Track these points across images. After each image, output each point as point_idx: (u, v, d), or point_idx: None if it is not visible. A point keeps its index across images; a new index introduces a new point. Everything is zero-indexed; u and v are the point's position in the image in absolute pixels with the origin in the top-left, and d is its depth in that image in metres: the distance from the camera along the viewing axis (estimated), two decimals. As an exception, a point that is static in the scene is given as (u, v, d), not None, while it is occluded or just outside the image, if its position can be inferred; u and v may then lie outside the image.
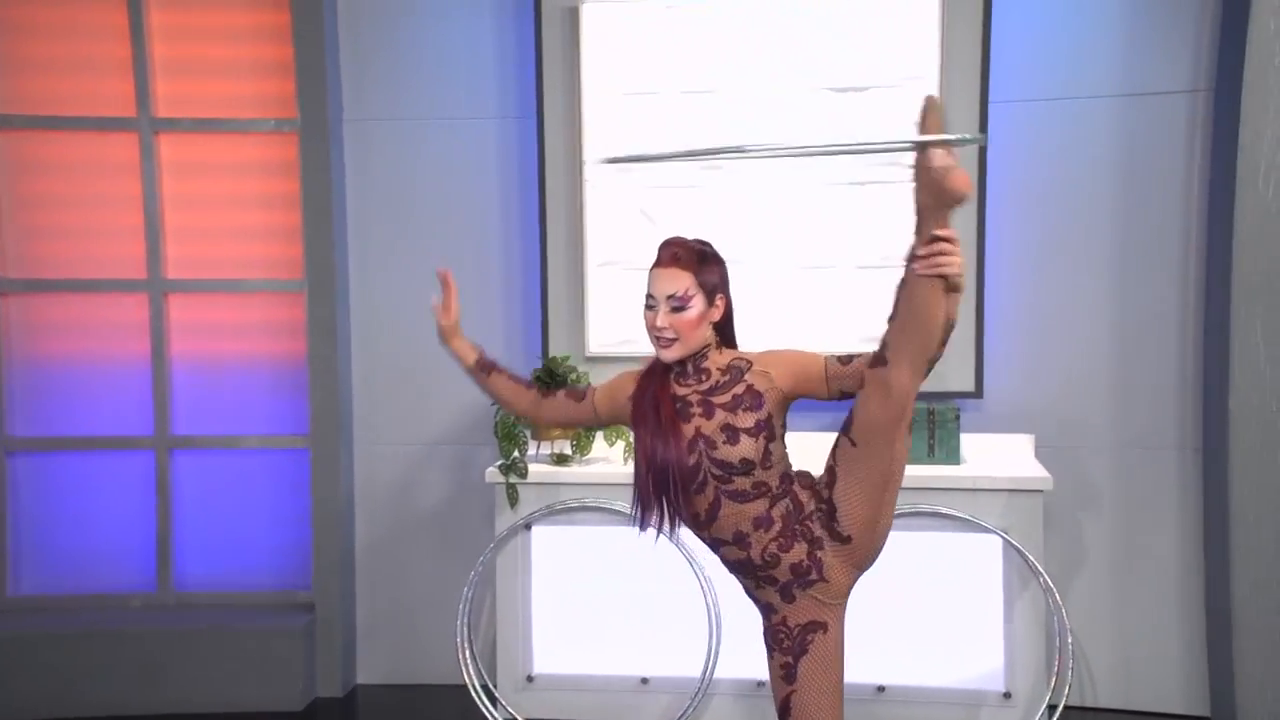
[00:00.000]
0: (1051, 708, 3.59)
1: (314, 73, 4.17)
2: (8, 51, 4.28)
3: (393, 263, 4.31)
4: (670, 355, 2.39)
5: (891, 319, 2.20)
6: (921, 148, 2.02)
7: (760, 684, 3.66)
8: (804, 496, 2.37)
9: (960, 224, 3.82)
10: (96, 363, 4.41)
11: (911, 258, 2.10)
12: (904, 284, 2.15)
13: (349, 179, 4.30)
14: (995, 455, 3.85)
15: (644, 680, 3.78)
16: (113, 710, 4.08)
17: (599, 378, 3.98)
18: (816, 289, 3.97)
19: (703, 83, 3.95)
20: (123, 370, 4.40)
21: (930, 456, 3.76)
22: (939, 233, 2.08)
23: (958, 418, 3.77)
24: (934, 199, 2.06)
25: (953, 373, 3.91)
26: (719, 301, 2.44)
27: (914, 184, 2.06)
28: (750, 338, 3.96)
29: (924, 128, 2.01)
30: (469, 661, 3.83)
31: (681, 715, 3.69)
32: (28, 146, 4.33)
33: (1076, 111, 3.88)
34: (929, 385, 3.91)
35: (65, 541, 4.41)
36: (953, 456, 3.75)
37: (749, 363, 2.42)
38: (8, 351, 4.34)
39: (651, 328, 2.39)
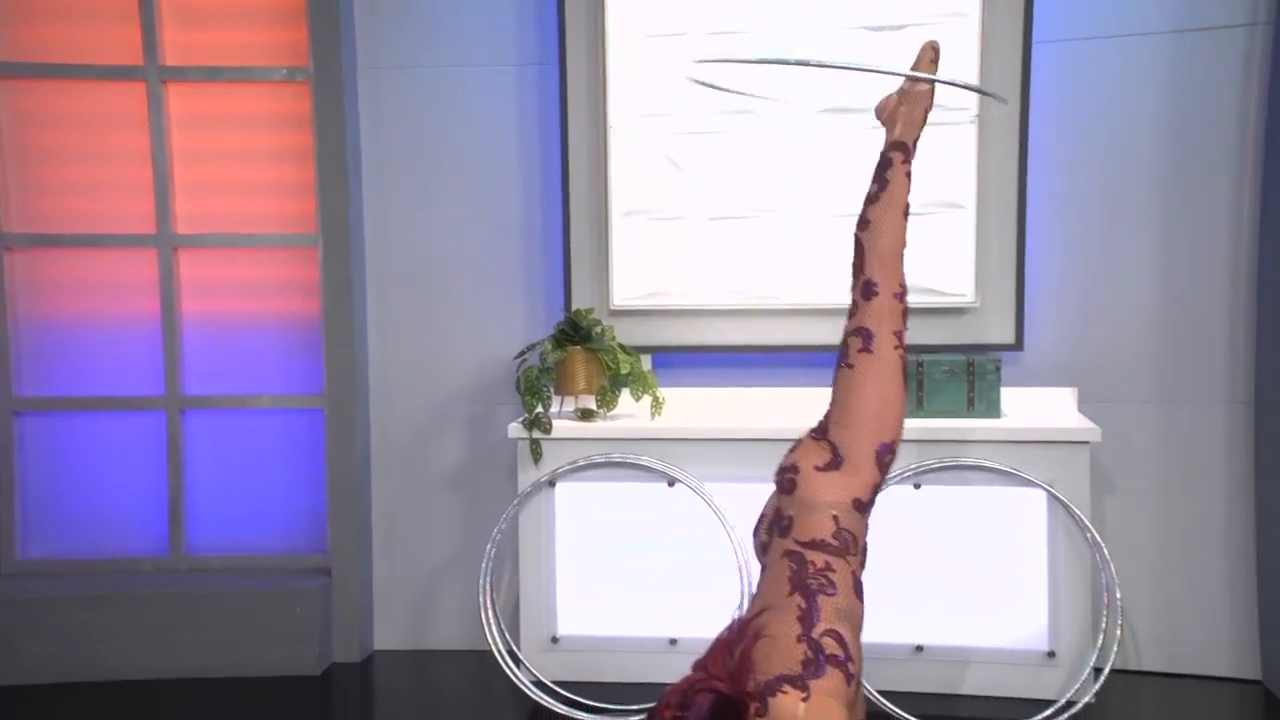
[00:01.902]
0: (1097, 670, 3.45)
1: (327, 19, 4.02)
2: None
3: (410, 216, 4.17)
4: None
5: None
6: (974, 90, 2.59)
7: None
8: None
9: (1000, 171, 3.71)
10: (105, 321, 4.29)
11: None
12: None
13: (363, 130, 4.16)
14: (1037, 409, 3.71)
15: (672, 641, 3.65)
16: (125, 675, 3.96)
17: (623, 331, 3.87)
18: (848, 237, 3.81)
19: (732, 23, 3.79)
20: (132, 329, 4.27)
21: (970, 410, 3.62)
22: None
23: (998, 369, 3.63)
24: (922, 110, 2.52)
25: (992, 324, 3.78)
26: None
27: (904, 105, 2.52)
28: (784, 287, 3.85)
29: (920, 66, 2.50)
30: (492, 622, 3.71)
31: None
32: (31, 97, 4.19)
33: (1125, 50, 3.71)
34: (966, 337, 3.81)
35: (75, 504, 4.30)
36: (993, 409, 3.61)
37: None
38: (14, 310, 4.22)
39: None
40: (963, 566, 3.50)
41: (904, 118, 2.50)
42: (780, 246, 3.85)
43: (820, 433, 2.38)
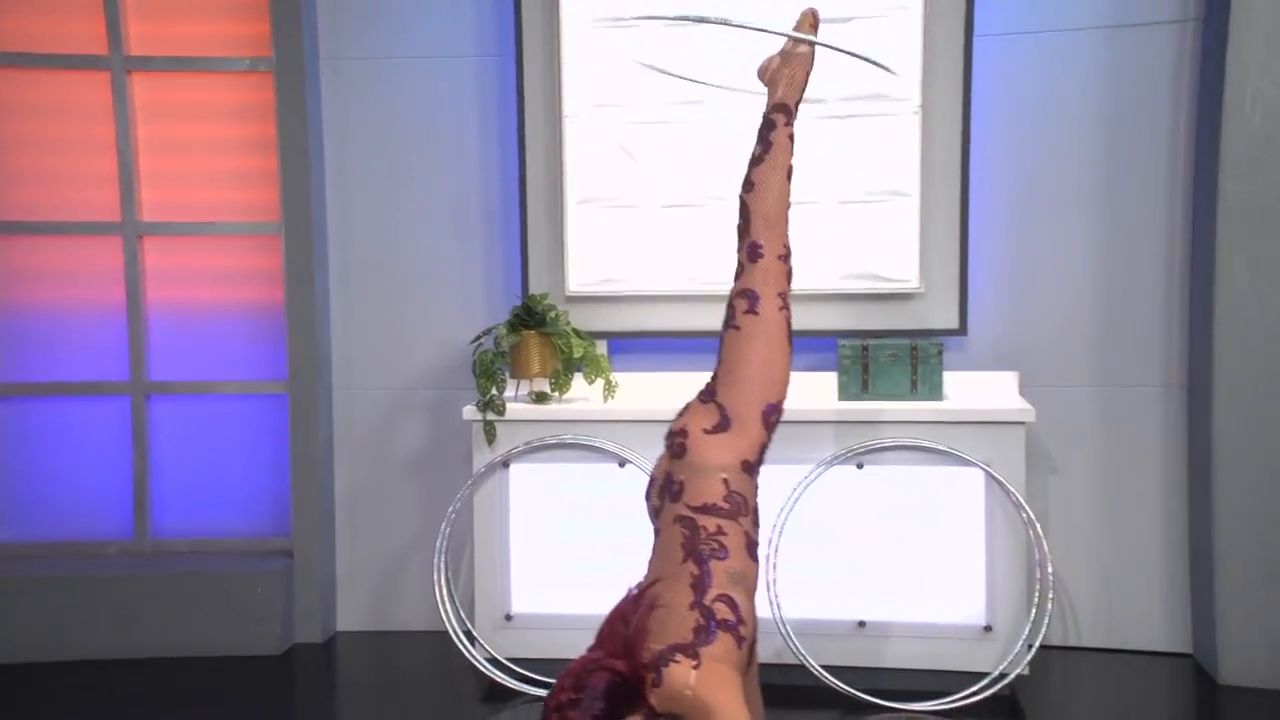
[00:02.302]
0: (1030, 645, 3.56)
1: (289, 11, 4.11)
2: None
3: (372, 205, 4.25)
4: None
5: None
6: (861, 59, 2.68)
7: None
8: None
9: (944, 160, 3.81)
10: (72, 308, 4.35)
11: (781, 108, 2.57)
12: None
13: (326, 119, 4.24)
14: (979, 392, 3.82)
15: (623, 619, 3.74)
16: (90, 655, 4.04)
17: (579, 317, 3.96)
18: (799, 224, 3.90)
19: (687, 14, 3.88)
20: (99, 316, 4.34)
21: (913, 392, 3.73)
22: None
23: (940, 353, 3.74)
24: (804, 72, 2.62)
25: (937, 310, 3.88)
26: None
27: (786, 67, 2.62)
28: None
29: (800, 30, 2.63)
30: (446, 601, 3.80)
31: (661, 653, 3.67)
32: (-1, 87, 4.27)
33: (1064, 44, 3.83)
34: (912, 322, 3.91)
35: (42, 488, 4.36)
36: (935, 392, 3.72)
37: None
38: (-20, 297, 4.29)
39: None
40: (904, 544, 3.61)
41: (786, 79, 2.56)
42: (731, 233, 3.94)
43: (708, 395, 2.43)
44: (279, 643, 4.13)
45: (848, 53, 2.61)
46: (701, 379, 3.96)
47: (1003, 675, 3.48)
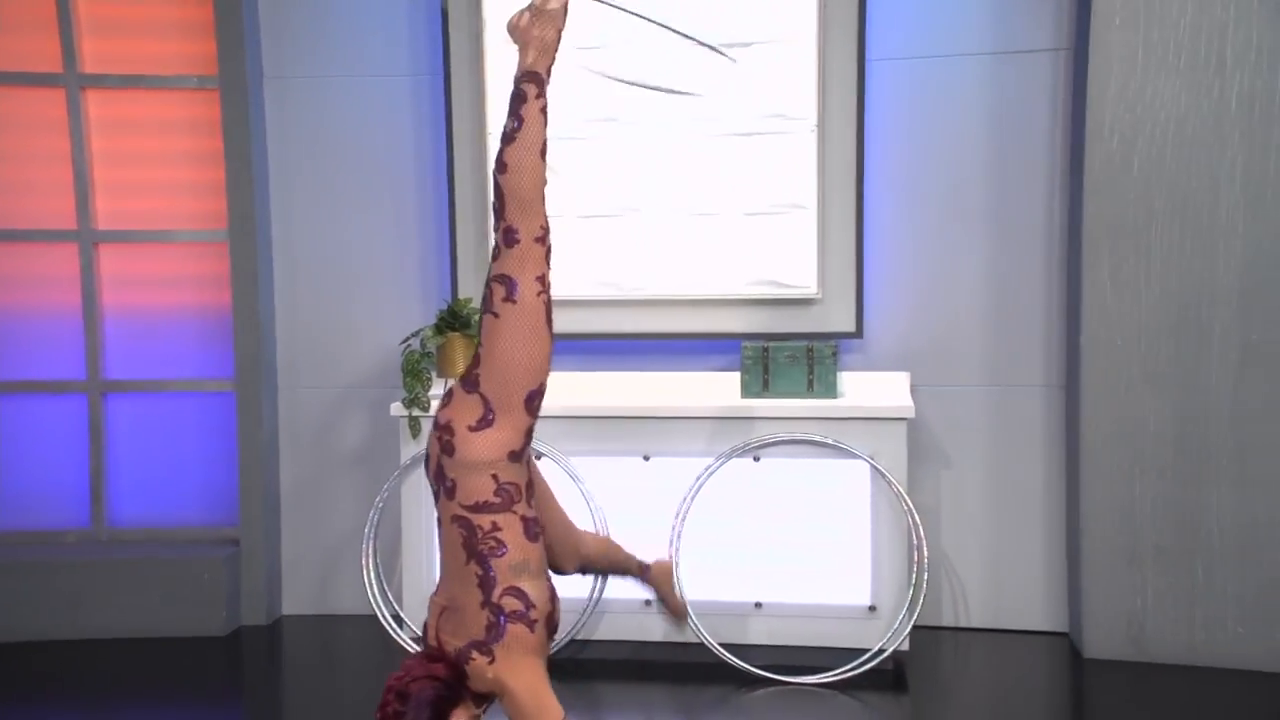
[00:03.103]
0: (909, 623, 3.84)
1: (233, 32, 4.37)
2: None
3: (313, 214, 4.53)
4: None
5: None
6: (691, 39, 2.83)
7: (647, 603, 3.92)
8: None
9: (840, 175, 4.10)
10: (31, 311, 4.61)
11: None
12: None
13: (270, 134, 4.51)
14: (873, 391, 4.11)
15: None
16: (47, 636, 4.31)
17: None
18: (706, 234, 4.21)
19: (594, 39, 4.13)
20: (57, 319, 4.60)
21: (810, 391, 4.02)
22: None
23: (835, 354, 4.03)
24: (555, 31, 2.53)
25: (834, 314, 4.17)
26: None
27: (536, 27, 2.51)
28: (647, 281, 4.23)
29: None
30: (373, 583, 4.08)
31: (573, 629, 3.97)
32: (-43, 104, 4.52)
33: (950, 68, 4.12)
34: (811, 325, 4.20)
35: (4, 480, 4.62)
36: (829, 391, 4.01)
37: None
38: (-55, 302, 4.55)
39: None
40: (797, 531, 3.91)
41: (536, 41, 2.45)
42: (645, 243, 4.23)
43: (472, 386, 2.39)
44: (224, 625, 4.40)
45: (678, 32, 2.60)
46: (613, 378, 4.29)
47: (881, 650, 3.78)
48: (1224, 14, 3.61)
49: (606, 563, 3.00)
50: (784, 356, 4.04)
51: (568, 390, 4.21)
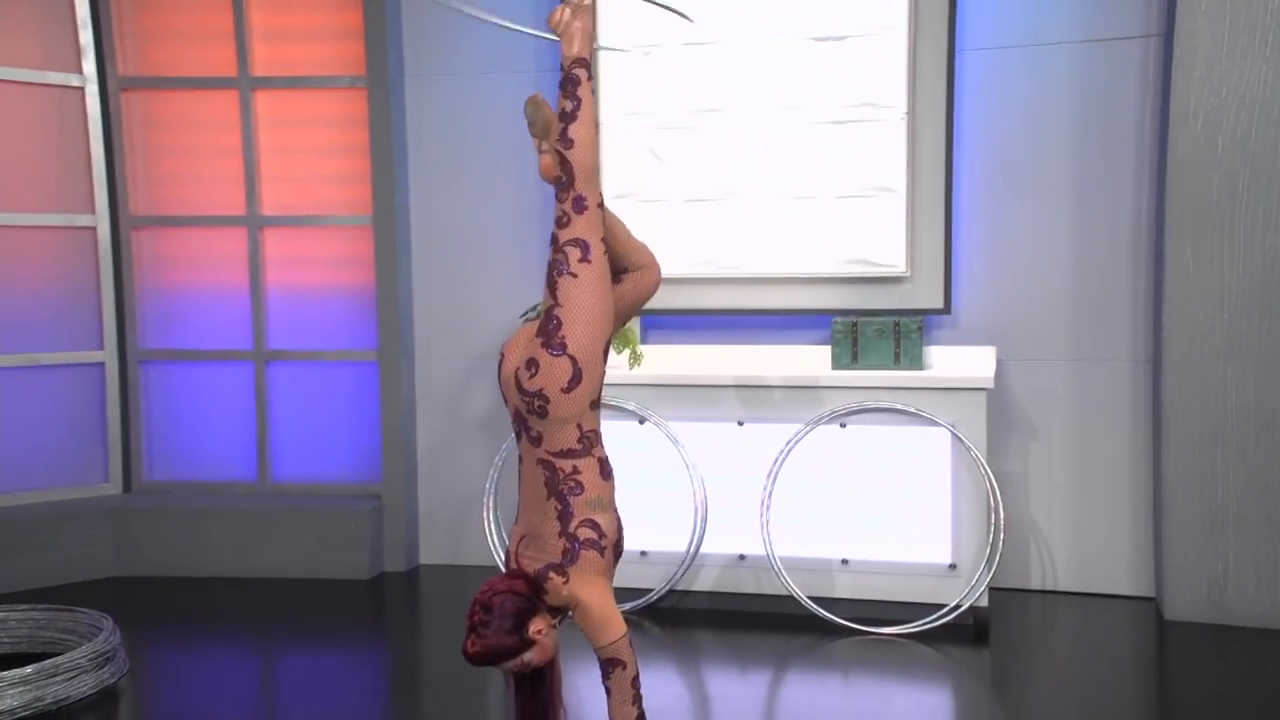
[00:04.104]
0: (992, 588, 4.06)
1: (379, 34, 4.87)
2: (135, 24, 5.11)
3: (448, 202, 5.00)
4: None
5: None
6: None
7: (742, 556, 4.25)
8: None
9: (929, 159, 4.32)
10: (207, 288, 5.25)
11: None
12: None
13: (409, 127, 5.00)
14: (958, 364, 4.32)
15: (643, 553, 4.37)
16: (216, 574, 4.93)
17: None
18: (799, 216, 4.48)
19: (699, 35, 4.40)
20: (228, 295, 5.22)
21: (897, 363, 4.25)
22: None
23: (921, 329, 4.25)
24: (591, 19, 2.66)
25: (923, 291, 4.39)
26: None
27: (578, 19, 2.64)
28: (745, 260, 4.53)
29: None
30: (493, 534, 4.53)
31: (671, 579, 4.32)
32: (151, 105, 5.16)
33: (1040, 56, 4.29)
34: (901, 302, 4.44)
35: (183, 438, 5.28)
36: (915, 363, 4.24)
37: None
38: (139, 279, 5.21)
39: None
40: (882, 494, 4.15)
41: (579, 31, 2.62)
42: (744, 226, 4.54)
43: (559, 349, 2.54)
44: (369, 570, 4.94)
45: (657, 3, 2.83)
46: (713, 351, 4.60)
47: (959, 605, 4.01)
48: (1310, -3, 3.68)
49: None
50: (872, 330, 4.28)
51: (670, 361, 4.57)
